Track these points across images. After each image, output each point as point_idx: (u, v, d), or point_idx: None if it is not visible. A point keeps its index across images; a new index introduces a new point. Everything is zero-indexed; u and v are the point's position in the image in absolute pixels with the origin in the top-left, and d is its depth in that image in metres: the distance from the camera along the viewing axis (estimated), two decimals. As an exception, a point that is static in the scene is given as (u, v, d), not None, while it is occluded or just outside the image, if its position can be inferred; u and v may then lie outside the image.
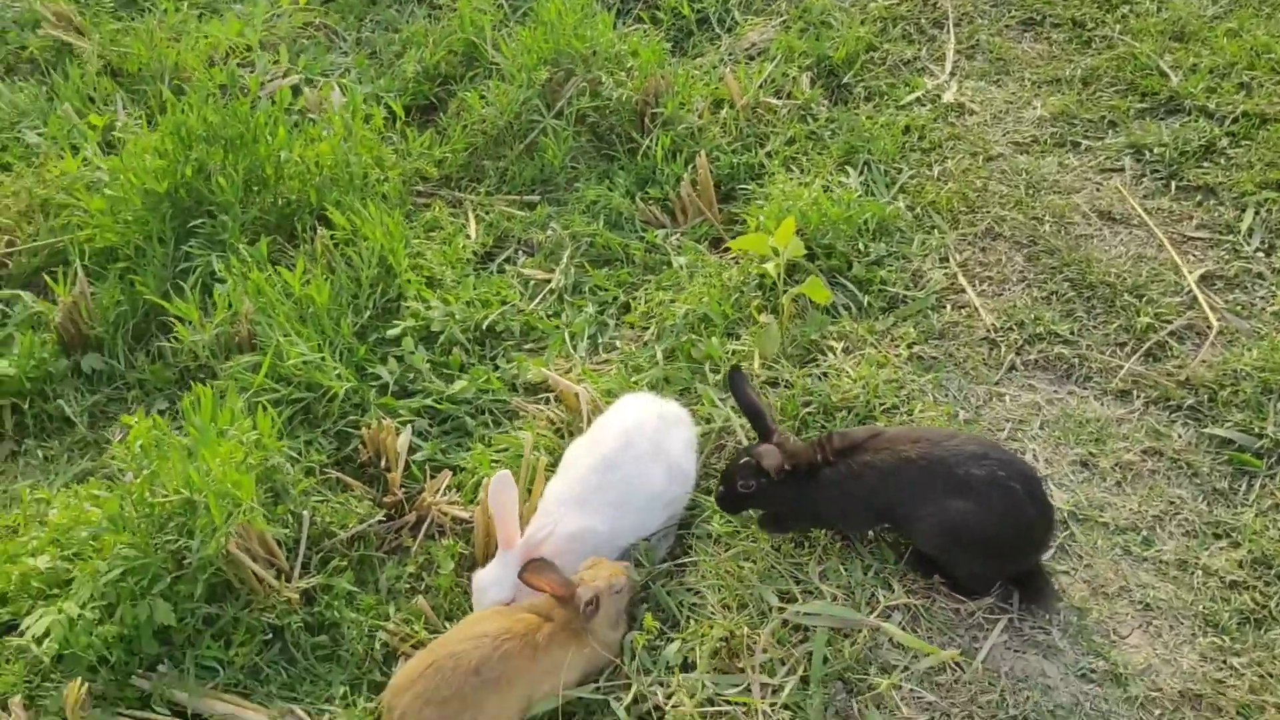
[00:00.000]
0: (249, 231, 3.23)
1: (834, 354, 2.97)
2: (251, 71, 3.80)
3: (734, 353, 3.00)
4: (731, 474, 2.47)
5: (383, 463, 2.85)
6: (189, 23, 4.18)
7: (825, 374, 2.92)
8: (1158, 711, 2.30)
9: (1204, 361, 2.96)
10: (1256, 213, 3.36)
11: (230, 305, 2.94)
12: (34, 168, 3.50)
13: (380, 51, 4.26)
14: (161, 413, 3.00)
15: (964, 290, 3.22)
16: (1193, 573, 2.53)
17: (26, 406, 3.05)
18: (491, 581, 2.47)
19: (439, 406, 3.00)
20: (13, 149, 3.68)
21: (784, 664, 2.33)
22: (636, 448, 2.55)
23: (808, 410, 2.81)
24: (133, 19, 4.25)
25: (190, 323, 3.02)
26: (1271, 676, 2.32)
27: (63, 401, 3.06)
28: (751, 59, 4.15)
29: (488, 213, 3.69)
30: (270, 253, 3.19)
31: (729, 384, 2.51)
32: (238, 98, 3.37)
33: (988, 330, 3.10)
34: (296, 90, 3.92)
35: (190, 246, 3.20)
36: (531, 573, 2.30)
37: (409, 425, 2.92)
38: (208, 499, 2.28)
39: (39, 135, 3.70)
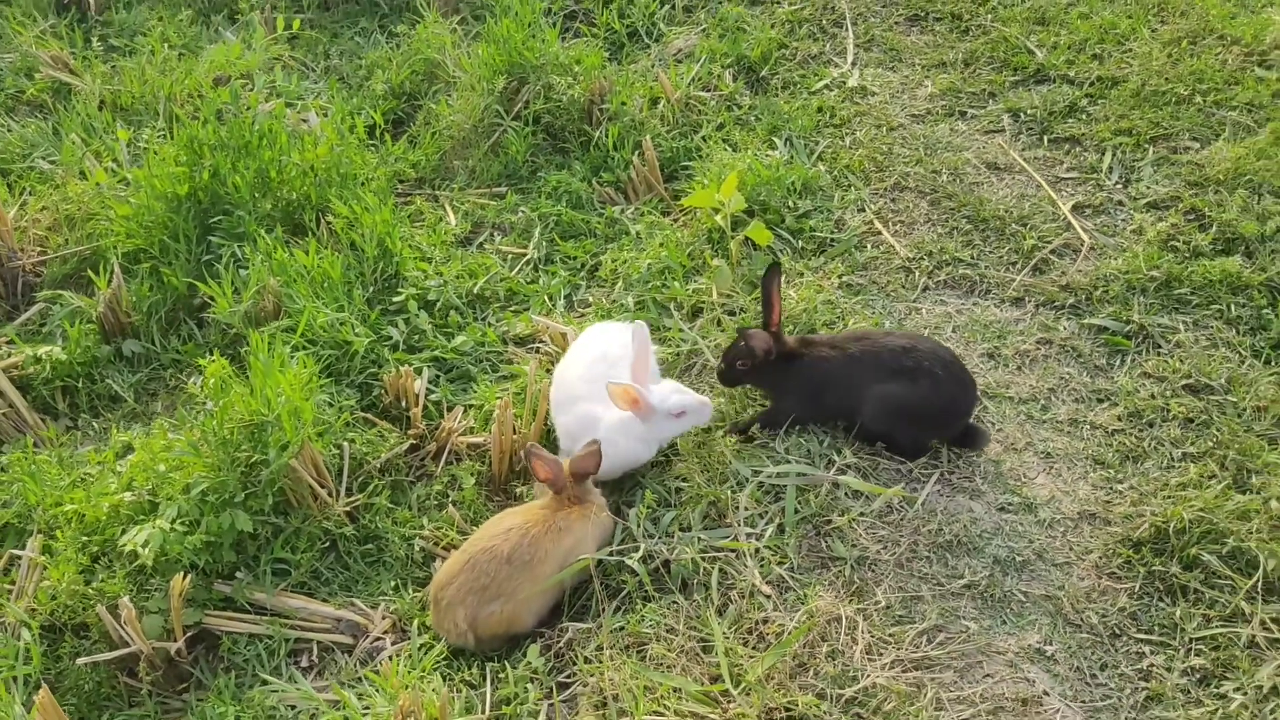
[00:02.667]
0: (262, 225, 3.69)
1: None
2: (250, 90, 4.27)
3: (694, 291, 3.55)
4: (731, 354, 3.00)
5: (403, 404, 3.31)
6: (170, 61, 4.63)
7: (772, 301, 3.47)
8: (1061, 529, 2.86)
9: (1080, 270, 3.59)
10: (1113, 154, 4.03)
11: (258, 281, 3.39)
12: (56, 187, 3.92)
13: (348, 76, 4.75)
14: (200, 372, 3.43)
15: (880, 232, 3.81)
16: (1082, 427, 3.12)
17: (79, 387, 3.46)
18: (665, 393, 2.87)
19: (445, 357, 3.48)
20: (29, 176, 4.08)
21: (763, 517, 2.85)
22: None
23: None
24: (118, 60, 4.68)
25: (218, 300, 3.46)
26: (1145, 494, 2.91)
27: (110, 380, 3.47)
28: (679, 62, 4.73)
29: (463, 204, 4.20)
30: (283, 242, 3.66)
31: (764, 274, 2.93)
32: (241, 113, 3.84)
33: (903, 260, 3.69)
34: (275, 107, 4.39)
35: (213, 239, 3.65)
36: (533, 456, 2.76)
37: (423, 371, 3.40)
38: (281, 415, 2.73)
39: (51, 163, 4.12)
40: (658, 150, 4.22)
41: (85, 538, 2.85)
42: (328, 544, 2.99)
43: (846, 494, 2.90)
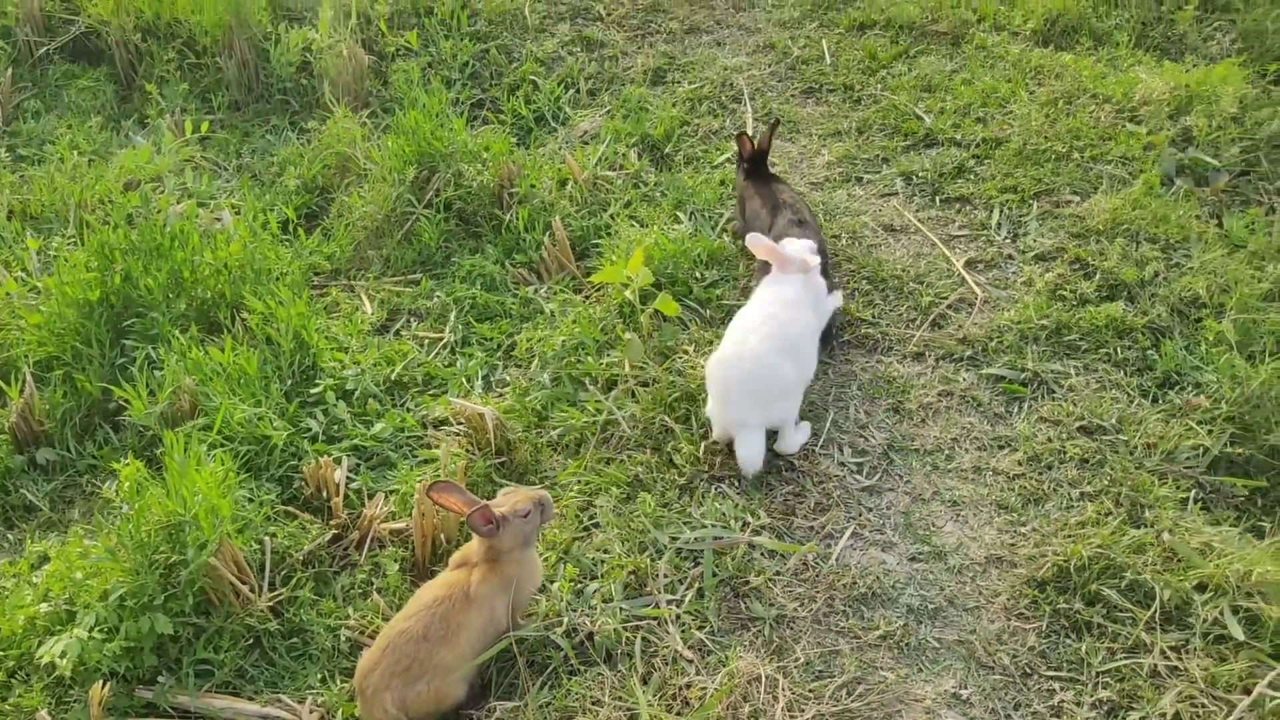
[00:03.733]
0: (176, 325, 3.72)
1: (688, 354, 3.64)
2: (161, 193, 4.31)
3: (608, 364, 3.63)
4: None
5: (324, 494, 3.33)
6: (80, 168, 4.66)
7: (683, 370, 3.57)
8: (970, 574, 2.96)
9: (975, 323, 3.75)
10: (1001, 211, 4.23)
11: (173, 382, 3.41)
12: (-34, 299, 3.91)
13: (261, 174, 4.82)
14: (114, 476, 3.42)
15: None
16: (985, 474, 3.24)
17: (-7, 498, 3.42)
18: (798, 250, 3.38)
19: (365, 445, 3.52)
20: (-63, 288, 4.06)
21: (682, 582, 2.91)
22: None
23: (673, 398, 3.45)
24: (26, 169, 4.70)
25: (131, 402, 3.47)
26: (1047, 535, 3.02)
27: (25, 491, 3.45)
28: (586, 143, 4.88)
29: (378, 293, 4.26)
30: (198, 341, 3.68)
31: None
32: (150, 216, 3.88)
33: (808, 324, 3.82)
34: (186, 208, 4.43)
35: (127, 342, 3.66)
36: (439, 492, 2.78)
37: (342, 460, 3.42)
38: (198, 514, 2.74)
39: (-41, 274, 4.10)
40: (568, 230, 4.33)
41: (0, 653, 2.81)
42: (251, 641, 2.98)
43: (762, 554, 2.98)
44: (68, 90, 5.23)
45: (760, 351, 3.12)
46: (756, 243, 3.38)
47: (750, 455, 3.13)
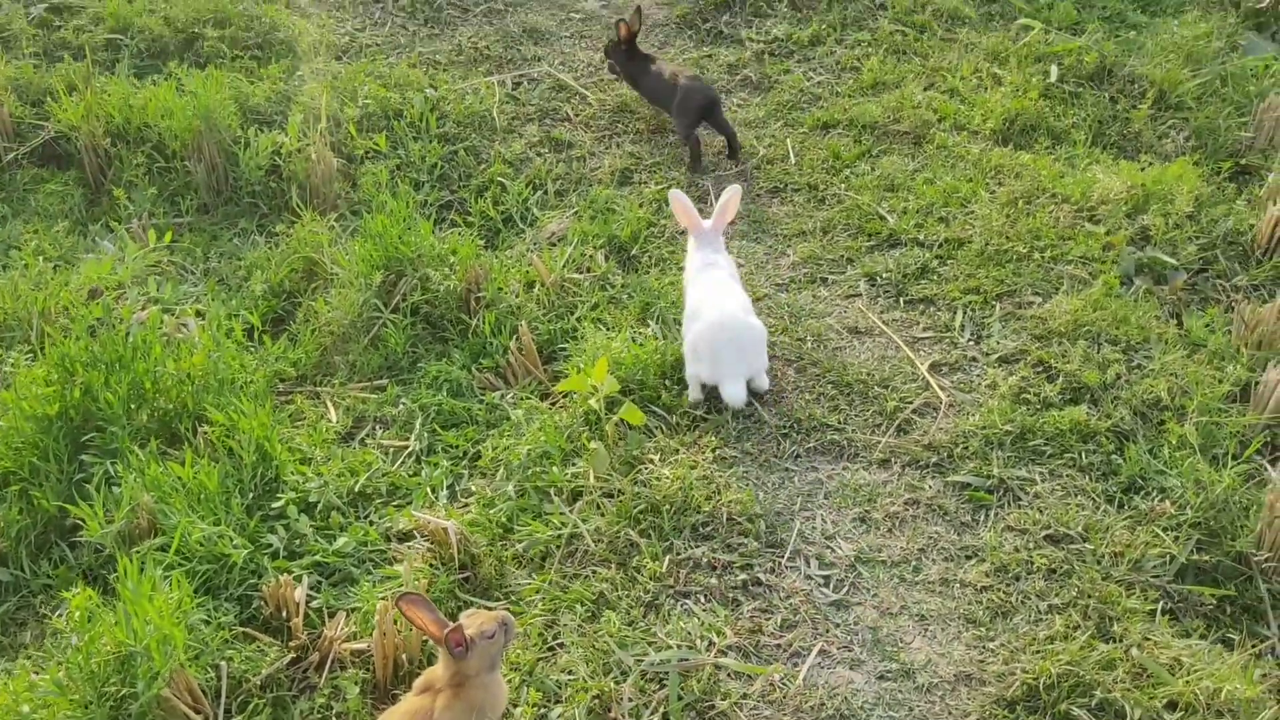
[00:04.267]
0: (136, 439, 3.67)
1: (654, 464, 3.62)
2: (123, 302, 4.29)
3: (573, 475, 3.61)
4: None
5: (284, 614, 3.27)
6: (45, 274, 4.64)
7: (648, 481, 3.55)
8: (939, 693, 2.93)
9: (940, 429, 3.75)
10: (964, 313, 4.27)
11: (131, 500, 3.36)
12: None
13: (228, 278, 4.81)
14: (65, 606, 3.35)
15: (751, 402, 3.94)
16: (953, 586, 3.22)
17: (-60, 623, 3.34)
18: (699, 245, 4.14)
19: (327, 561, 3.46)
20: (-106, 401, 4.01)
21: (647, 707, 2.86)
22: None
23: (638, 510, 3.43)
24: (-8, 276, 4.68)
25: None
26: (1016, 651, 3.00)
27: (-25, 613, 3.37)
28: (554, 244, 4.91)
29: (344, 400, 4.23)
30: (158, 454, 3.64)
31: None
32: (113, 326, 3.86)
33: (773, 430, 3.82)
34: (149, 316, 4.41)
35: (85, 457, 3.61)
36: (408, 604, 2.72)
37: (303, 579, 3.36)
38: (150, 646, 2.68)
39: (-82, 386, 4.05)
40: (535, 333, 4.33)
41: (-57, 791, 2.72)
42: (205, 773, 2.90)
43: (729, 675, 2.93)
44: (35, 195, 5.23)
45: (741, 316, 3.83)
46: (678, 201, 4.19)
47: (739, 394, 3.81)
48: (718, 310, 3.82)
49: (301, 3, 6.43)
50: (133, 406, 3.77)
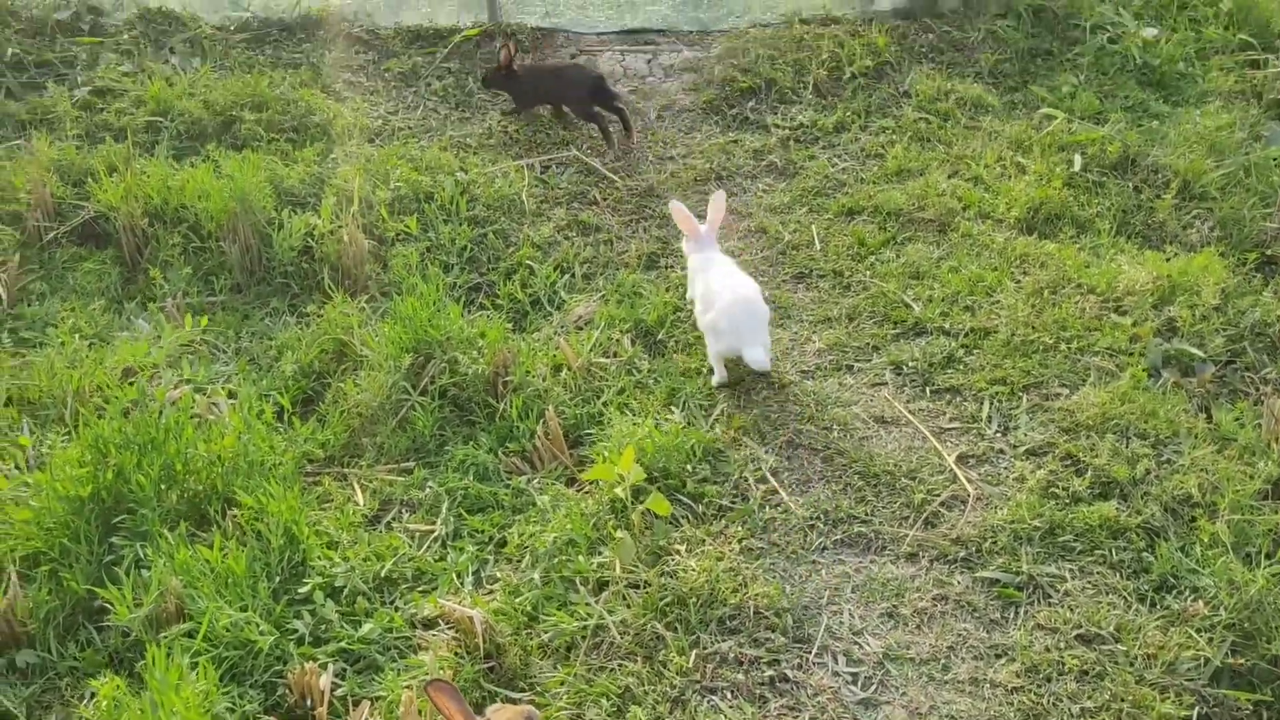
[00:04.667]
0: (166, 521, 3.70)
1: (680, 555, 3.61)
2: (157, 382, 4.34)
3: (599, 565, 3.60)
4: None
5: (309, 702, 3.26)
6: (81, 352, 4.71)
7: (674, 572, 3.54)
8: (972, 797, 2.88)
9: (968, 522, 3.74)
10: (991, 404, 4.27)
11: (160, 584, 3.37)
12: (-44, 491, 3.89)
13: (258, 358, 4.87)
14: (93, 694, 3.35)
15: (778, 491, 3.94)
16: (983, 686, 3.19)
17: (-34, 707, 3.34)
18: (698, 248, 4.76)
19: (352, 648, 3.45)
20: (-72, 479, 4.06)
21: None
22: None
23: (665, 602, 3.41)
24: (28, 354, 4.75)
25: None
26: (1051, 754, 2.95)
27: (1, 697, 3.36)
28: (580, 328, 4.95)
29: (371, 482, 4.25)
30: (187, 536, 3.66)
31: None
32: (146, 407, 3.91)
33: (800, 521, 3.81)
34: (182, 397, 4.46)
35: (115, 539, 3.63)
36: (437, 692, 2.70)
37: (328, 667, 3.36)
38: (174, 738, 2.68)
39: (-48, 464, 4.10)
40: (561, 418, 4.36)
41: None
42: None
43: (756, 776, 2.89)
44: (73, 273, 5.33)
45: (756, 296, 4.43)
46: (678, 211, 4.74)
47: (763, 357, 4.31)
48: (732, 289, 4.41)
49: (336, 87, 6.58)
50: (163, 488, 3.80)
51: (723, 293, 4.42)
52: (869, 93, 6.65)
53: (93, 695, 3.06)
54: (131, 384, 4.13)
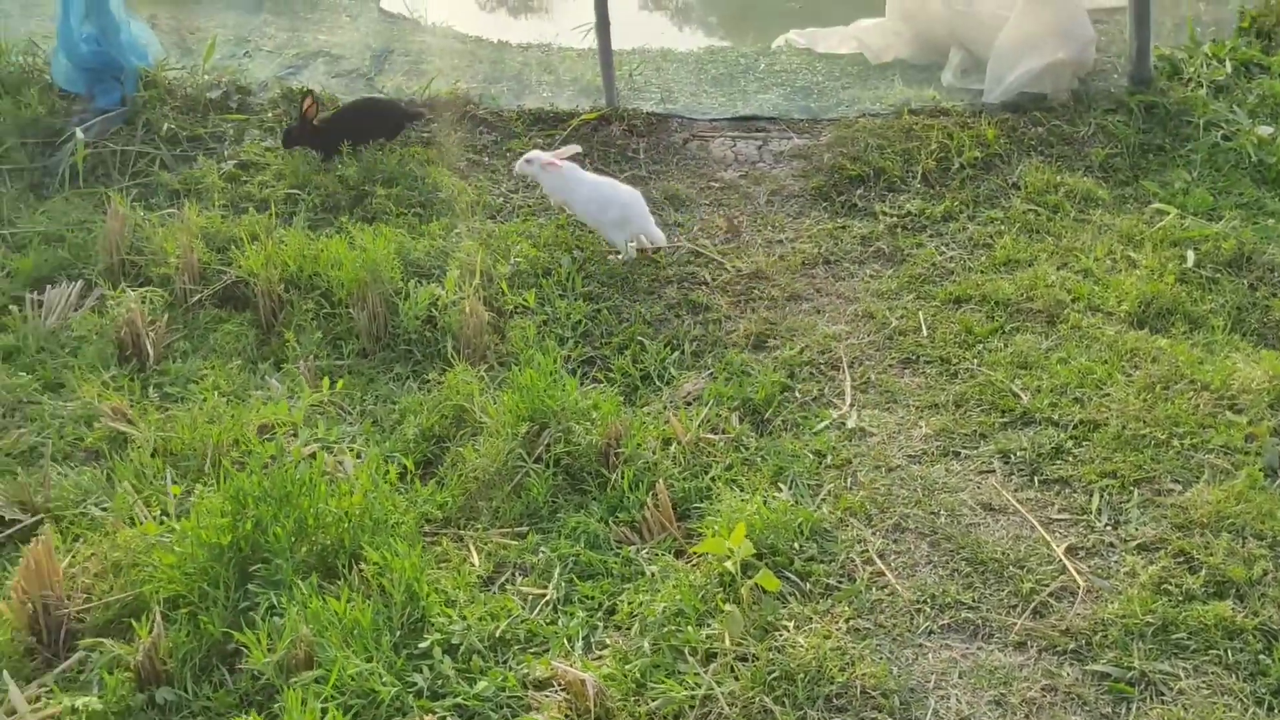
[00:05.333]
0: (299, 571, 3.90)
1: (788, 630, 3.68)
2: (292, 440, 4.60)
3: (708, 636, 3.69)
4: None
5: (426, 755, 3.39)
6: (219, 408, 5.00)
7: (782, 647, 3.61)
8: None
9: (1078, 614, 3.74)
10: (1101, 497, 4.28)
11: (293, 632, 3.56)
12: (105, 535, 4.17)
13: (381, 420, 5.11)
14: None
15: (884, 574, 3.99)
16: (1094, 780, 3.18)
17: (110, 738, 3.55)
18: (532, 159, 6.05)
19: (467, 704, 3.59)
20: (80, 523, 4.35)
21: None
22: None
23: (773, 677, 3.48)
24: (172, 409, 5.06)
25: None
26: None
27: (141, 730, 3.57)
28: (689, 404, 5.09)
29: (486, 545, 4.42)
30: (316, 587, 3.85)
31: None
32: (284, 464, 4.15)
33: (906, 604, 3.85)
34: (314, 456, 4.70)
35: (251, 586, 3.85)
36: None
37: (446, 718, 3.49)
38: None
39: (103, 510, 4.39)
40: (670, 490, 4.48)
41: None
42: None
43: None
44: (214, 333, 5.67)
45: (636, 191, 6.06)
46: (537, 158, 6.06)
47: (659, 233, 6.10)
48: (623, 189, 6.02)
49: (461, 165, 6.92)
50: (295, 541, 4.01)
51: (618, 191, 5.94)
52: (977, 183, 6.75)
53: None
54: (270, 440, 4.37)
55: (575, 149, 6.14)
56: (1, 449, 4.73)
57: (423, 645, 3.76)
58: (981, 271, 5.96)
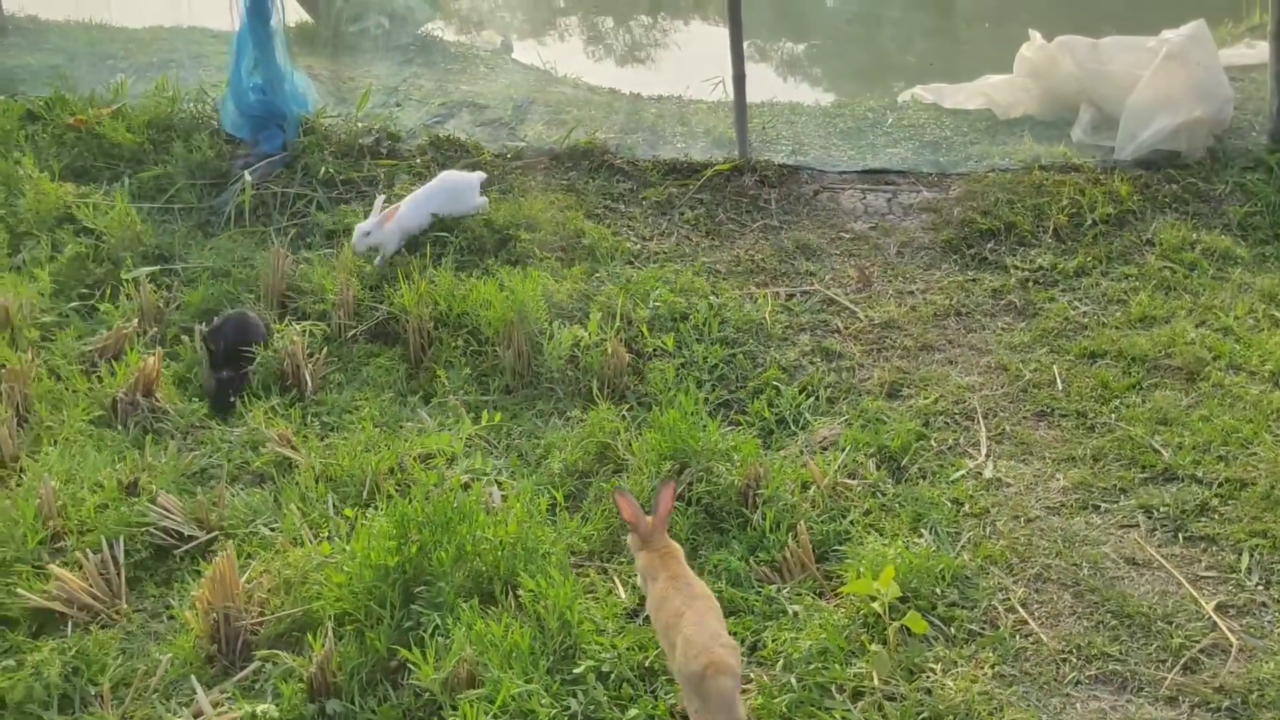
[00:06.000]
0: (459, 595, 4.11)
1: (934, 673, 3.74)
2: (452, 471, 4.84)
3: (854, 674, 3.77)
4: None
5: (583, 775, 3.53)
6: (375, 438, 5.28)
7: (930, 689, 3.67)
8: None
9: (1231, 672, 3.72)
10: (1251, 555, 4.25)
11: (459, 650, 3.75)
12: (277, 554, 4.44)
13: (527, 454, 5.32)
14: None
15: (1027, 622, 4.03)
16: (1252, 838, 3.16)
17: (287, 745, 3.78)
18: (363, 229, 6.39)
19: (620, 730, 3.73)
20: (251, 541, 4.63)
21: None
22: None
23: (921, 716, 3.55)
24: (332, 438, 5.36)
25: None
26: None
27: (314, 739, 3.79)
28: (825, 449, 5.20)
29: (630, 578, 4.57)
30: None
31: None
32: (445, 493, 4.37)
33: (1052, 653, 3.88)
34: (467, 486, 4.92)
35: (415, 606, 4.06)
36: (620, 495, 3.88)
37: (601, 744, 3.63)
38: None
39: (271, 530, 4.67)
40: (809, 532, 4.57)
41: None
42: None
43: None
44: (366, 367, 5.97)
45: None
46: (367, 225, 6.43)
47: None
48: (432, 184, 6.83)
49: (598, 211, 7.18)
50: (453, 565, 4.21)
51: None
52: (1110, 239, 6.75)
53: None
54: (431, 469, 4.61)
55: (381, 198, 6.58)
56: (178, 469, 5.06)
57: (576, 671, 3.92)
58: (1116, 327, 5.95)
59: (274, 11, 7.46)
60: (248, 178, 7.14)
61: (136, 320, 6.06)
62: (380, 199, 6.51)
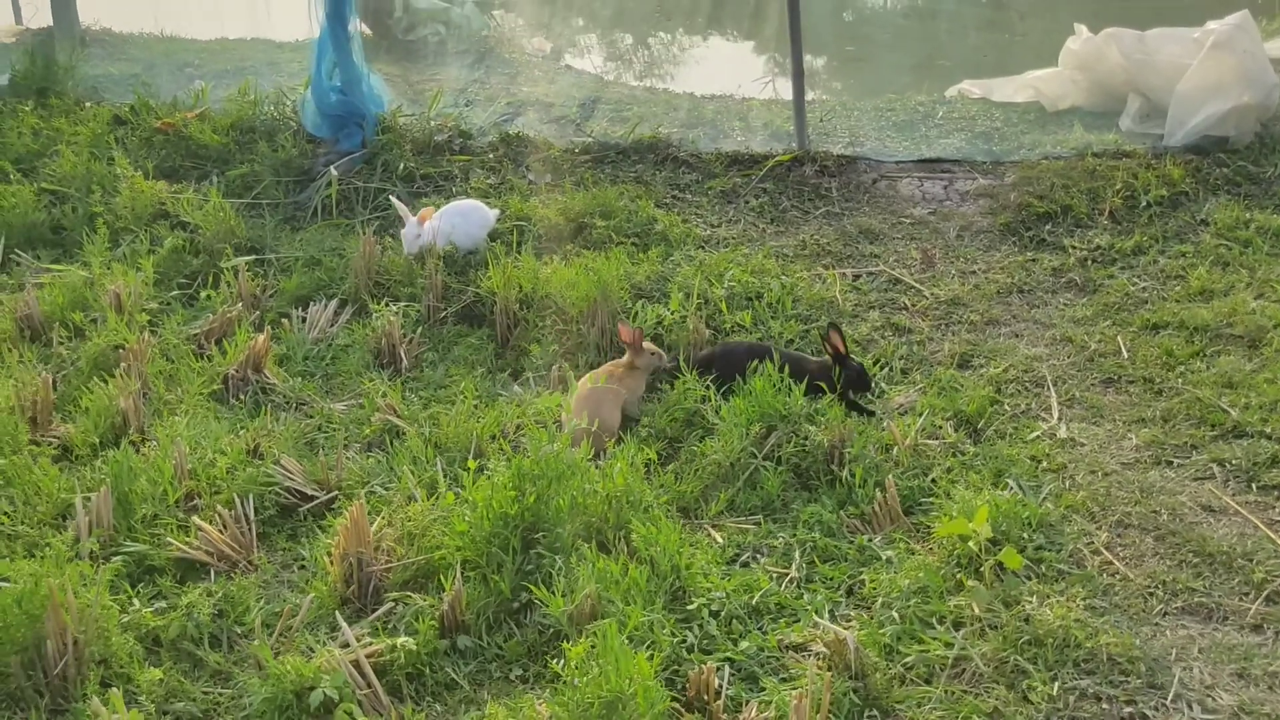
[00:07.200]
0: (574, 541, 4.38)
1: (1030, 604, 3.98)
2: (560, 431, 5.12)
3: (955, 606, 4.02)
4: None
5: (704, 698, 3.79)
6: (476, 408, 5.56)
7: (1028, 618, 3.91)
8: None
9: (1312, 602, 3.95)
10: (1324, 500, 4.48)
11: (585, 585, 4.03)
12: (397, 510, 4.73)
13: (617, 422, 5.59)
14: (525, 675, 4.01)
15: (1113, 563, 4.27)
16: (1342, 743, 3.39)
17: (426, 673, 4.05)
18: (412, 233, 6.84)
19: (735, 658, 3.98)
20: (370, 500, 4.92)
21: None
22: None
23: (1022, 642, 3.79)
24: (435, 407, 5.65)
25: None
26: None
27: (449, 670, 4.06)
28: (904, 414, 5.45)
29: (726, 530, 4.83)
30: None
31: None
32: (556, 450, 4.66)
33: (1139, 588, 4.12)
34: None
35: (535, 551, 4.34)
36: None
37: (724, 669, 3.89)
38: (635, 693, 3.27)
39: (385, 489, 4.97)
40: (895, 487, 4.82)
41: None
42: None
43: (1129, 791, 3.20)
44: (456, 346, 6.27)
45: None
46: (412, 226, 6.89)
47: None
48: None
49: (666, 201, 7.47)
50: (569, 515, 4.49)
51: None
52: (1165, 220, 6.99)
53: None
54: (544, 431, 4.89)
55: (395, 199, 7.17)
56: (294, 436, 5.36)
57: (689, 608, 4.18)
58: (1177, 300, 6.19)
59: (352, 16, 7.82)
60: (333, 173, 7.47)
61: (240, 305, 6.39)
62: (395, 199, 7.11)
